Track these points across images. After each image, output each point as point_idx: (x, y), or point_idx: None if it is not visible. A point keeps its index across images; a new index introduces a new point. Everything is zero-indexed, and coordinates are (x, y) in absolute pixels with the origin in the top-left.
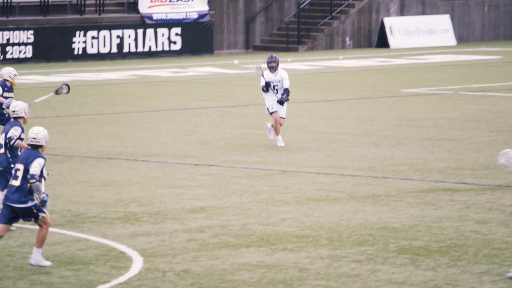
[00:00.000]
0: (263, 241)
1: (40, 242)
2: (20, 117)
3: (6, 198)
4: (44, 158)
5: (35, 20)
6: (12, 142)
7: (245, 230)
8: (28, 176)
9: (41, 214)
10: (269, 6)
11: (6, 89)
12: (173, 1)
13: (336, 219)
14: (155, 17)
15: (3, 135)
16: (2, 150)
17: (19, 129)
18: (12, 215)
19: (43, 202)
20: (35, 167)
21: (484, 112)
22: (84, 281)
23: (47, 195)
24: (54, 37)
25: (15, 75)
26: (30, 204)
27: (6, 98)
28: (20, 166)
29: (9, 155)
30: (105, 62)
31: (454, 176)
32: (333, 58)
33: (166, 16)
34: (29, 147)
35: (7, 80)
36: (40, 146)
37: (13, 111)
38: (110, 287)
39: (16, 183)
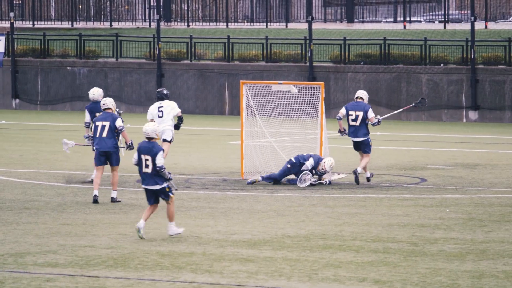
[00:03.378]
0: None
1: (171, 217)
2: (151, 138)
3: (145, 183)
4: (162, 149)
5: None
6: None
7: None
8: (157, 168)
9: (170, 194)
10: None
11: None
12: None
13: None
14: None
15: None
16: (149, 170)
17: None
18: (153, 196)
19: (171, 183)
20: (159, 159)
21: None
22: None
23: (170, 177)
24: None
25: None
26: (164, 185)
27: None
28: (148, 157)
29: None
30: None
31: None
32: None
33: None
34: (146, 140)
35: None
36: (153, 138)
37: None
38: None
39: (148, 170)
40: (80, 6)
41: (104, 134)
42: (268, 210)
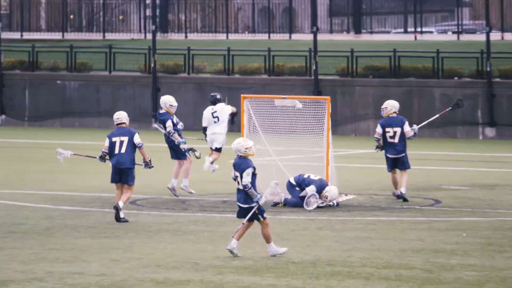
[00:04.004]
0: None
1: (267, 238)
2: (242, 155)
3: (237, 199)
4: (253, 167)
5: None
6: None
7: None
8: (241, 186)
9: (260, 217)
10: None
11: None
12: None
13: None
14: None
15: (237, 172)
16: (241, 187)
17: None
18: (245, 214)
19: (257, 204)
20: (245, 177)
21: None
22: None
23: (260, 196)
24: None
25: (171, 105)
26: (251, 204)
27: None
28: (237, 174)
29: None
30: None
31: None
32: None
33: None
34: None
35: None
36: (246, 157)
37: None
38: None
39: (239, 186)
40: (72, 16)
41: (123, 150)
42: (272, 234)
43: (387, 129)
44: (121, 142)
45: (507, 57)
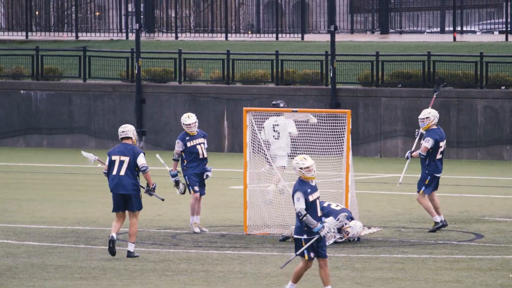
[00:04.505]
0: None
1: (325, 281)
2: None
3: None
4: (304, 191)
5: None
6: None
7: None
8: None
9: (305, 253)
10: None
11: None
12: None
13: None
14: None
15: None
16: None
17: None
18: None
19: (318, 235)
20: (296, 204)
21: None
22: None
23: (321, 226)
24: None
25: (184, 123)
26: (302, 236)
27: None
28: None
29: None
30: None
31: None
32: None
33: None
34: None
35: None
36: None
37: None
38: None
39: None
40: (37, 13)
41: (122, 173)
42: (279, 275)
43: (440, 144)
44: (121, 163)
45: None
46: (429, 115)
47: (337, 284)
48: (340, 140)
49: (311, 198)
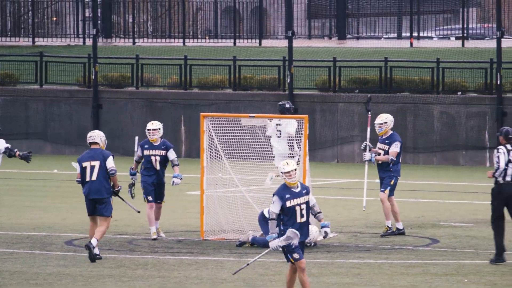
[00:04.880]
0: None
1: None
2: None
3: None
4: (280, 196)
5: None
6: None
7: None
8: None
9: (289, 256)
10: None
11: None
12: None
13: None
14: None
15: None
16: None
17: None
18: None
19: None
20: (271, 205)
21: None
22: None
23: (269, 236)
24: None
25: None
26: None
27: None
28: None
29: None
30: None
31: None
32: None
33: None
34: None
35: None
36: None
37: None
38: None
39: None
40: None
41: (94, 177)
42: (236, 280)
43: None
44: (92, 168)
45: None
46: (387, 120)
47: None
48: (297, 146)
49: (288, 203)
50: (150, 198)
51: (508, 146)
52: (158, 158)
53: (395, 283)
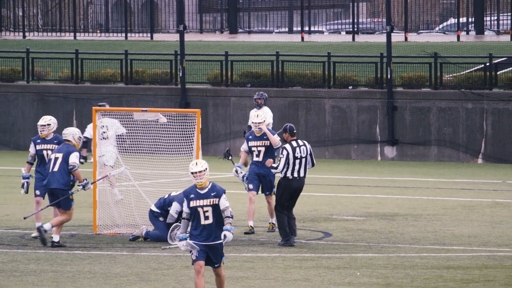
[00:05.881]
0: None
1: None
2: None
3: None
4: (185, 195)
5: None
6: None
7: None
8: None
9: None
10: None
11: None
12: None
13: None
14: None
15: None
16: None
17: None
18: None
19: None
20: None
21: None
22: None
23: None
24: None
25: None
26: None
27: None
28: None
29: None
30: None
31: None
32: None
33: None
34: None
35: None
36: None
37: None
38: None
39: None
40: None
41: (56, 169)
42: (129, 274)
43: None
44: (56, 159)
45: (411, 62)
46: (262, 119)
47: (186, 283)
48: (190, 140)
49: (192, 204)
50: (37, 192)
51: (294, 142)
52: (50, 152)
53: (288, 277)
